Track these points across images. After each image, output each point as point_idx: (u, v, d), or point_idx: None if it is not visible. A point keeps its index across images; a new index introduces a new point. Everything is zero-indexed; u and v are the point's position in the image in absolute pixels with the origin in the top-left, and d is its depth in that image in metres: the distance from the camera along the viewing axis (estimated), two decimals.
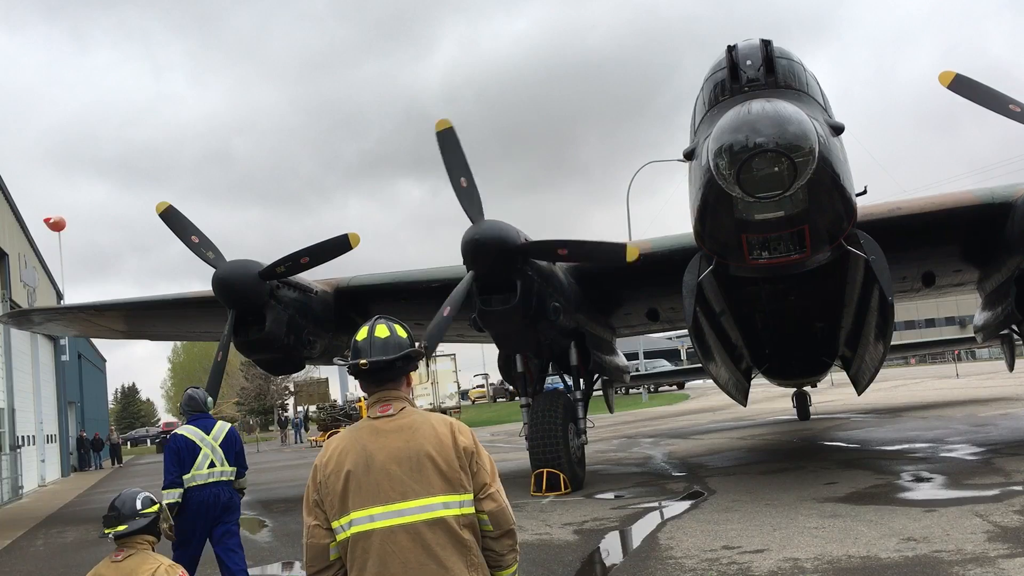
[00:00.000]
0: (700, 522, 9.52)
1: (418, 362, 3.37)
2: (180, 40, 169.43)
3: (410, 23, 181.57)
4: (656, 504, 11.39)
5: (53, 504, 21.96)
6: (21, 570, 11.42)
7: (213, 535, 7.31)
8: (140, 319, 18.02)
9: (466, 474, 3.08)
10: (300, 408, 52.69)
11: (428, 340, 12.13)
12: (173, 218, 13.72)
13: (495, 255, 11.74)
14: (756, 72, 9.59)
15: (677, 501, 11.39)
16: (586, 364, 14.53)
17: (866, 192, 10.92)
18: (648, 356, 55.90)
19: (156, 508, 4.71)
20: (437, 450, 3.06)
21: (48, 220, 33.92)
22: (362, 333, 3.26)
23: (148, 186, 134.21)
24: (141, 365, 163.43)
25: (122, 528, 4.55)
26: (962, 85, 10.54)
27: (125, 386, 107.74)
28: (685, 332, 13.62)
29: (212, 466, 7.29)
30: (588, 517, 10.64)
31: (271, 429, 59.98)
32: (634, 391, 48.14)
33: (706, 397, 42.53)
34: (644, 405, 43.52)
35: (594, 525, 10.08)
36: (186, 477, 7.21)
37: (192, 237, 13.53)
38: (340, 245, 12.94)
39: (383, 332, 3.24)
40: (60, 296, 36.43)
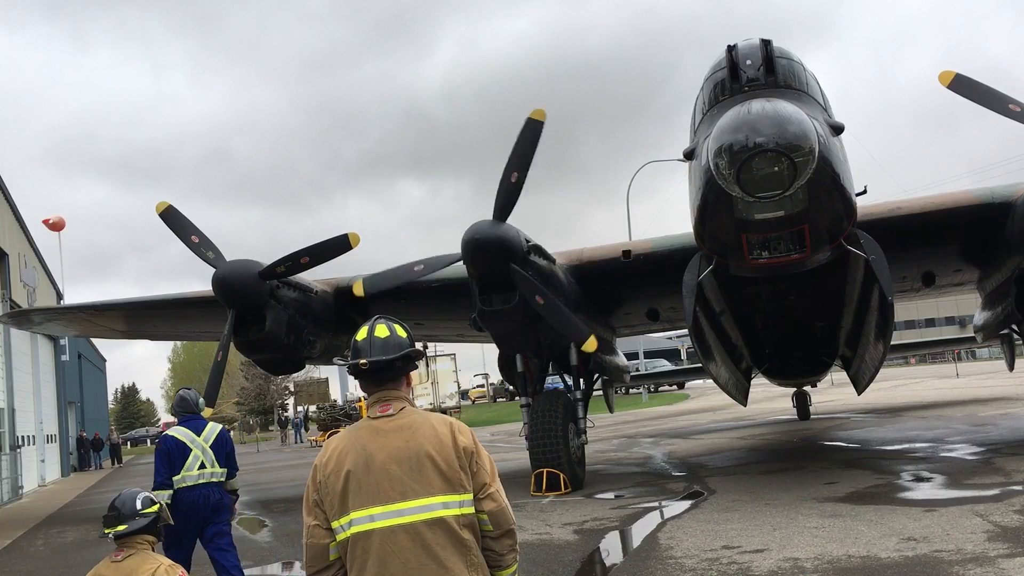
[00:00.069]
0: (700, 522, 9.52)
1: (418, 362, 3.37)
2: (180, 40, 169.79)
3: (410, 23, 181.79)
4: (656, 504, 11.39)
5: (53, 504, 21.96)
6: (21, 570, 11.42)
7: (204, 536, 7.34)
8: (140, 319, 18.03)
9: (466, 474, 3.08)
10: (300, 408, 52.72)
11: (369, 284, 12.66)
12: (173, 218, 13.71)
13: (495, 255, 11.74)
14: (756, 72, 9.60)
15: (677, 501, 11.39)
16: (586, 364, 14.53)
17: (866, 192, 10.94)
18: (648, 356, 55.92)
19: (156, 508, 4.71)
20: (437, 450, 3.06)
21: (47, 221, 33.87)
22: (362, 333, 3.26)
23: (148, 186, 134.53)
24: (141, 365, 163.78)
25: (122, 528, 4.55)
26: (962, 85, 10.54)
27: (125, 386, 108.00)
28: (685, 332, 13.63)
29: (202, 467, 7.31)
30: (588, 517, 10.64)
31: (271, 429, 59.97)
32: (634, 391, 48.12)
33: (706, 397, 42.52)
34: (644, 405, 43.51)
35: (594, 525, 10.08)
36: (176, 478, 7.23)
37: (192, 237, 13.52)
38: (340, 245, 12.95)
39: (383, 332, 3.24)
40: (60, 296, 36.43)
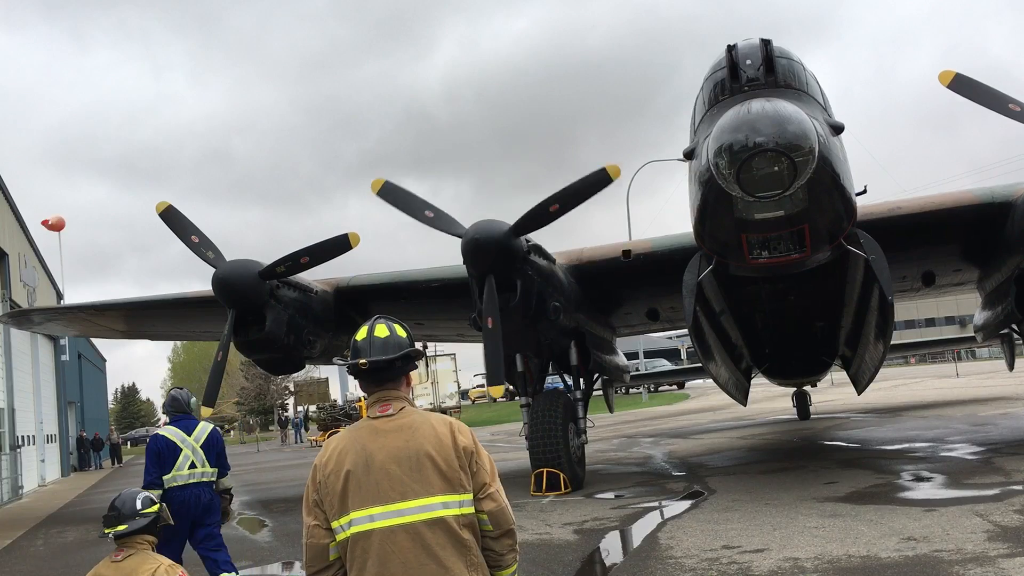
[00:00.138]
0: (700, 522, 9.51)
1: (418, 362, 3.37)
2: (180, 40, 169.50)
3: (410, 23, 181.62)
4: (656, 504, 11.39)
5: (53, 504, 21.96)
6: (21, 570, 11.42)
7: (195, 537, 7.34)
8: (140, 319, 18.03)
9: (466, 474, 3.08)
10: (300, 408, 52.74)
11: (385, 189, 12.56)
12: (173, 218, 13.71)
13: (495, 255, 11.74)
14: (756, 72, 9.59)
15: (677, 501, 11.39)
16: (586, 364, 14.53)
17: (866, 192, 10.94)
18: (648, 356, 55.92)
19: (156, 508, 4.72)
20: (437, 450, 3.06)
21: (46, 222, 33.86)
22: (362, 333, 3.26)
23: (148, 186, 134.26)
24: (141, 365, 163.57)
25: (122, 528, 4.56)
26: (962, 85, 10.53)
27: (125, 386, 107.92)
28: (685, 332, 13.62)
29: (193, 467, 7.33)
30: (588, 517, 10.64)
31: (271, 429, 59.99)
32: (634, 391, 48.11)
33: (706, 397, 42.51)
34: (644, 405, 43.51)
35: (594, 525, 10.08)
36: (167, 477, 7.24)
37: (192, 237, 13.52)
38: (340, 245, 12.96)
39: (383, 332, 3.24)
40: (60, 296, 36.42)
